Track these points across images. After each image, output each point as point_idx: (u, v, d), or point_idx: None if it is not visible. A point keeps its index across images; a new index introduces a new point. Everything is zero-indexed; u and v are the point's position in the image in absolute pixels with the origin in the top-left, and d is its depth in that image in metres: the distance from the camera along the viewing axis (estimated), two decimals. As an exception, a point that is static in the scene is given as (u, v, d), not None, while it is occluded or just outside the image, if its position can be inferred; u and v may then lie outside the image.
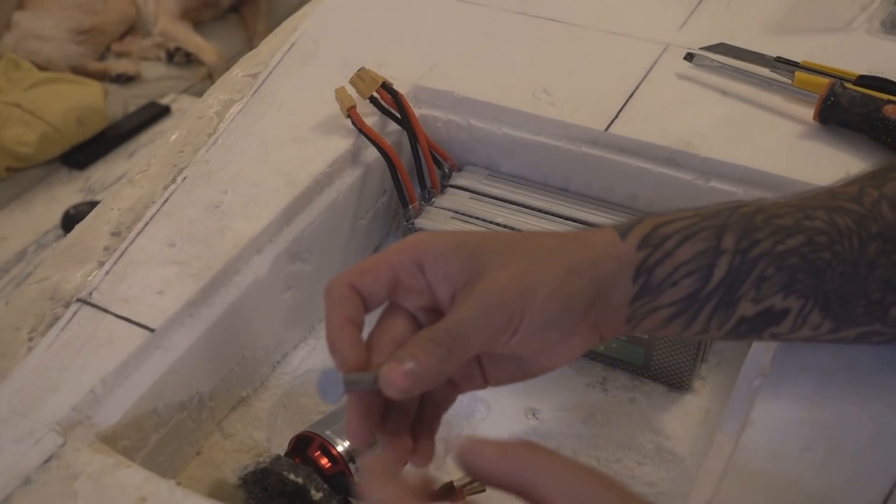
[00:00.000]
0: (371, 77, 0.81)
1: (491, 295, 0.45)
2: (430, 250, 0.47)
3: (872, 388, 0.56)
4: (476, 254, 0.47)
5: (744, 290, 0.49)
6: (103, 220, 0.74)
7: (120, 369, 0.61)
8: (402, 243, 0.48)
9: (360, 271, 0.48)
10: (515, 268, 0.46)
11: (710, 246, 0.48)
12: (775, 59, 0.88)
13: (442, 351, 0.44)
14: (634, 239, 0.49)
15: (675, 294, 0.49)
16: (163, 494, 0.53)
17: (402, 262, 0.48)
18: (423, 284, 0.48)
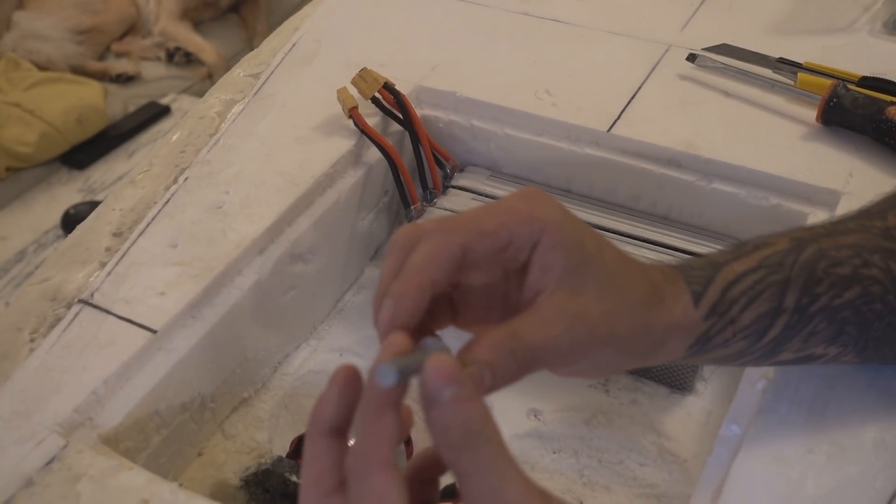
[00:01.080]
0: (373, 77, 0.81)
1: (583, 324, 0.43)
2: (552, 233, 0.42)
3: (875, 391, 0.56)
4: (584, 265, 0.43)
5: (791, 344, 0.50)
6: (105, 221, 0.74)
7: (122, 370, 0.61)
8: (523, 206, 0.43)
9: (479, 233, 0.41)
10: (610, 306, 0.44)
11: (771, 307, 0.48)
12: (778, 60, 0.88)
13: (518, 369, 0.41)
14: (705, 308, 0.47)
15: (723, 352, 0.49)
16: (165, 496, 0.53)
17: (520, 235, 0.42)
18: (519, 262, 0.43)
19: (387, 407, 0.37)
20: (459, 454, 0.36)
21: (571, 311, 0.42)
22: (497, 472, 0.35)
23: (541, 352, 0.42)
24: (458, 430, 0.36)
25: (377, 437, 0.36)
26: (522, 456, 0.67)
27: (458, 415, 0.36)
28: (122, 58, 2.47)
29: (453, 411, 0.36)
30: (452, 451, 0.36)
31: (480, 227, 0.42)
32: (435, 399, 0.36)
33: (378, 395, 0.38)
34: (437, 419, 0.36)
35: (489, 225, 0.42)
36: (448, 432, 0.36)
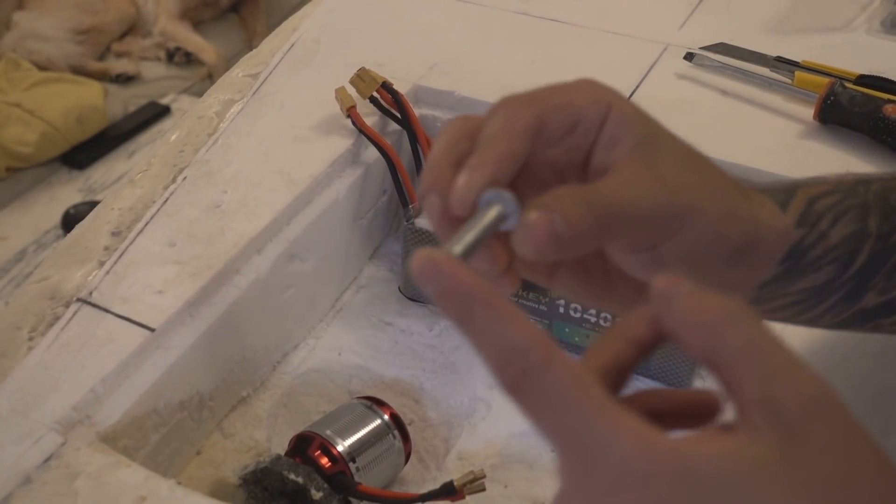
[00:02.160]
0: (371, 77, 0.81)
1: (663, 188, 0.38)
2: (618, 109, 0.39)
3: (871, 388, 0.56)
4: (656, 138, 0.40)
5: (876, 279, 0.46)
6: (103, 220, 0.74)
7: (120, 369, 0.61)
8: (587, 87, 0.39)
9: (553, 106, 0.38)
10: (692, 176, 0.40)
11: (858, 228, 0.45)
12: (775, 59, 0.88)
13: (595, 222, 0.36)
14: (793, 215, 0.44)
15: (813, 281, 0.45)
16: (163, 494, 0.53)
17: (588, 108, 0.39)
18: (586, 145, 0.40)
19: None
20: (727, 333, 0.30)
21: (650, 176, 0.38)
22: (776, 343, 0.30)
23: (620, 209, 0.37)
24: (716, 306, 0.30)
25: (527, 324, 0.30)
26: (522, 455, 0.67)
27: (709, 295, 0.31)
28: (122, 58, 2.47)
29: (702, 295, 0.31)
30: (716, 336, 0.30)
31: (552, 100, 0.38)
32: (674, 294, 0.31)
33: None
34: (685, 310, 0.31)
35: (560, 99, 0.38)
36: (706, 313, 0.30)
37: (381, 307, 0.81)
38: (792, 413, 0.28)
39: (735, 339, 0.30)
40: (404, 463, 0.67)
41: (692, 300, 0.31)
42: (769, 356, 0.29)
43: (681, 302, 0.31)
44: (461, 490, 0.59)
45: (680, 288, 0.31)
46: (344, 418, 0.65)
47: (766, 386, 0.29)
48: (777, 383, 0.29)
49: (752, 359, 0.29)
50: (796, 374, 0.29)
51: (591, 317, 0.71)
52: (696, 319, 0.30)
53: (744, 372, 0.29)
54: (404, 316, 0.80)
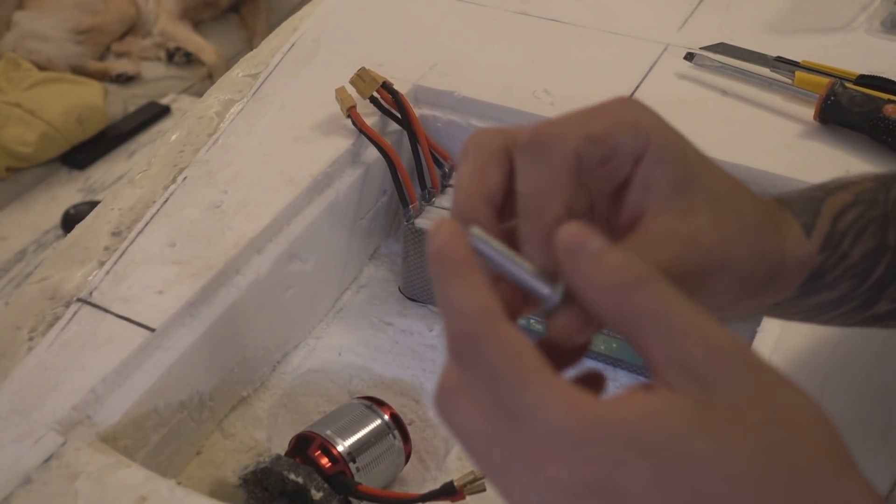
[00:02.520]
0: (371, 77, 0.81)
1: (698, 249, 0.38)
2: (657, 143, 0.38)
3: (871, 388, 0.56)
4: (693, 179, 0.38)
5: (890, 290, 0.46)
6: (104, 220, 0.74)
7: (120, 369, 0.61)
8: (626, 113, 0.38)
9: (590, 138, 0.36)
10: (727, 226, 0.39)
11: (877, 244, 0.45)
12: (775, 59, 0.88)
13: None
14: (818, 241, 0.44)
15: (827, 297, 0.45)
16: (163, 494, 0.53)
17: (625, 144, 0.37)
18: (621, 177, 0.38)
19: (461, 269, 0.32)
20: (634, 296, 0.30)
21: (683, 233, 0.37)
22: (687, 303, 0.30)
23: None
24: (621, 271, 0.31)
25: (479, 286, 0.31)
26: (520, 454, 0.67)
27: (615, 257, 0.31)
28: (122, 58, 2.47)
29: (608, 257, 0.31)
30: (623, 298, 0.30)
31: (589, 132, 0.36)
32: (580, 253, 0.31)
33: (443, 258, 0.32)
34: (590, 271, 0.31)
35: (597, 130, 0.36)
36: (611, 276, 0.31)
37: (381, 307, 0.81)
38: (701, 367, 0.29)
39: (642, 304, 0.30)
40: (404, 463, 0.67)
41: (598, 263, 0.31)
42: (676, 317, 0.30)
43: (587, 264, 0.31)
44: (461, 490, 0.59)
45: (586, 245, 0.31)
46: (344, 418, 0.65)
47: (675, 346, 0.30)
48: (684, 342, 0.30)
49: (660, 322, 0.30)
50: (704, 330, 0.30)
51: (591, 317, 0.71)
52: (602, 284, 0.31)
53: (652, 335, 0.30)
54: (404, 316, 0.80)
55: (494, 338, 0.31)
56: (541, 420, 0.29)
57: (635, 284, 0.30)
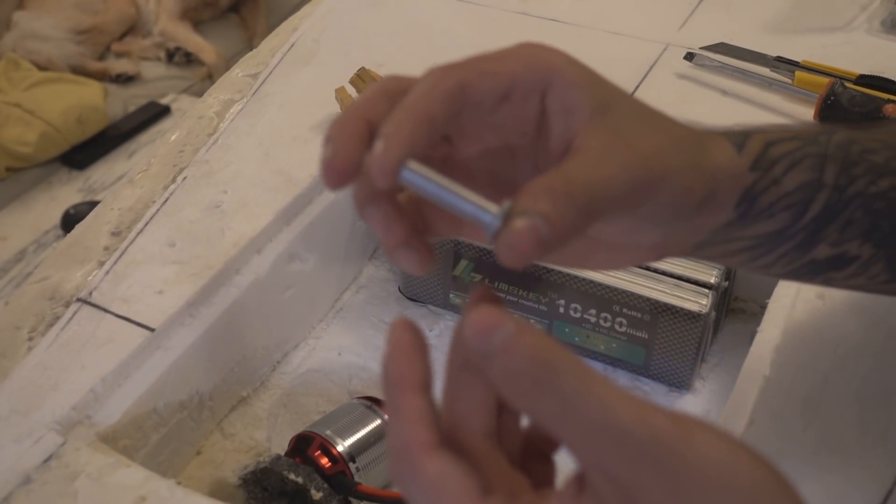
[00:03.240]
0: (371, 77, 0.81)
1: (636, 157, 0.37)
2: (562, 73, 0.38)
3: (871, 387, 0.56)
4: (614, 100, 0.38)
5: (828, 231, 0.45)
6: (103, 220, 0.74)
7: (120, 369, 0.61)
8: (525, 51, 0.38)
9: (479, 72, 0.37)
10: (658, 136, 0.39)
11: (813, 178, 0.45)
12: (775, 59, 0.88)
13: (578, 216, 0.35)
14: (748, 158, 0.43)
15: (766, 227, 0.45)
16: (163, 494, 0.53)
17: (525, 76, 0.37)
18: (531, 112, 0.38)
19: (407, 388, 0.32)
20: (540, 398, 0.30)
21: (619, 145, 0.37)
22: (593, 398, 0.29)
23: (600, 191, 0.36)
24: (526, 370, 0.30)
25: (409, 423, 0.32)
26: (520, 454, 0.67)
27: (518, 354, 0.30)
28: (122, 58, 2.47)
29: (510, 355, 0.30)
30: (532, 400, 0.30)
31: (478, 65, 0.37)
32: (487, 355, 0.31)
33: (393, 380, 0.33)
34: (500, 373, 0.31)
35: (489, 65, 0.37)
36: (517, 381, 0.30)
37: (381, 307, 0.81)
38: (620, 471, 0.29)
39: (548, 406, 0.30)
40: (404, 463, 0.67)
41: (505, 363, 0.30)
42: (585, 413, 0.29)
43: (496, 364, 0.31)
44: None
45: (493, 341, 0.30)
46: (344, 418, 0.65)
47: (591, 449, 0.29)
48: (598, 442, 0.29)
49: (570, 422, 0.30)
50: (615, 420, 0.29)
51: (591, 317, 0.71)
52: (510, 391, 0.31)
53: (567, 437, 0.30)
54: (404, 316, 0.80)
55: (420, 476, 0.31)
56: None
57: (542, 385, 0.30)
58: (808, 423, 0.54)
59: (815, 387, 0.56)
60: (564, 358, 0.30)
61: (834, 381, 0.57)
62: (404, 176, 0.33)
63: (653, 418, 0.29)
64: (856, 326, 0.61)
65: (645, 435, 0.29)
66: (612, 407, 0.29)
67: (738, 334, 0.75)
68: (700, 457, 0.29)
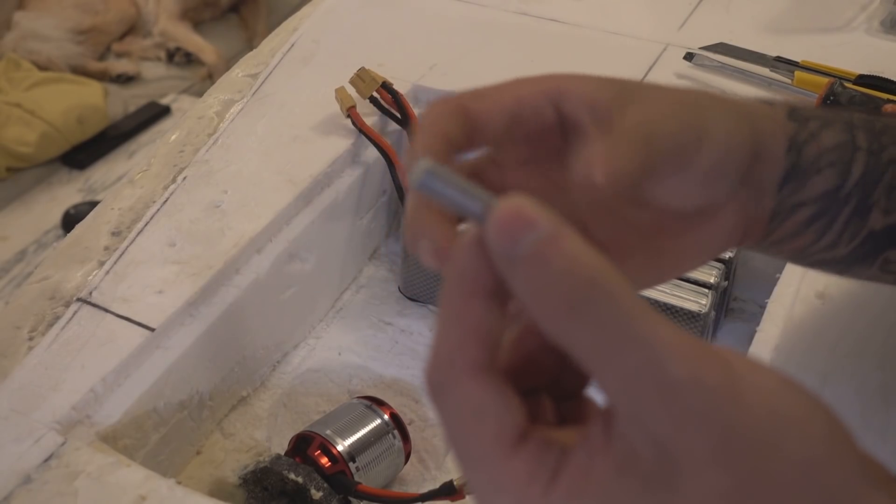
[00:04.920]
0: (371, 77, 0.81)
1: (681, 105, 0.38)
2: (571, 81, 0.38)
3: (871, 387, 0.56)
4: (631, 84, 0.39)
5: (877, 195, 0.45)
6: (103, 220, 0.74)
7: (120, 368, 0.61)
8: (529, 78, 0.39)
9: (475, 94, 0.37)
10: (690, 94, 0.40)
11: (846, 139, 0.45)
12: (775, 59, 0.88)
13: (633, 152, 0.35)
14: (782, 108, 0.44)
15: (820, 185, 0.44)
16: (163, 493, 0.53)
17: (530, 92, 0.38)
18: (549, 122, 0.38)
19: (471, 291, 0.27)
20: (574, 326, 0.25)
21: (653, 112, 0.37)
22: (640, 338, 0.24)
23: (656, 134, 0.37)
24: (559, 290, 0.25)
25: (462, 333, 0.27)
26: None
27: (551, 267, 0.25)
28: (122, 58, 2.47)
29: (544, 264, 0.25)
30: (564, 327, 0.25)
31: (475, 91, 0.38)
32: (513, 259, 0.25)
33: (457, 276, 0.27)
34: (526, 287, 0.25)
35: (484, 89, 0.38)
36: (547, 299, 0.25)
37: (381, 307, 0.81)
38: (662, 428, 0.25)
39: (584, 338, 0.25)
40: (404, 463, 0.67)
41: (535, 274, 0.25)
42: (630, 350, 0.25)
43: (522, 273, 0.25)
44: (461, 490, 0.60)
45: (523, 243, 0.25)
46: (344, 418, 0.65)
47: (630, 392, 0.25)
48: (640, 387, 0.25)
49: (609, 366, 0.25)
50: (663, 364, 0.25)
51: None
52: (537, 310, 0.26)
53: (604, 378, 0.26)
54: (404, 316, 0.80)
55: (456, 397, 0.27)
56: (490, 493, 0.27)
57: (578, 312, 0.25)
58: (807, 422, 0.54)
59: (815, 387, 0.56)
60: (610, 279, 0.25)
61: (834, 381, 0.57)
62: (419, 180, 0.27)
63: (707, 371, 0.25)
64: (855, 326, 0.61)
65: (696, 390, 0.24)
66: (660, 352, 0.24)
67: (737, 334, 0.75)
68: (754, 415, 0.25)
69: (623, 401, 0.25)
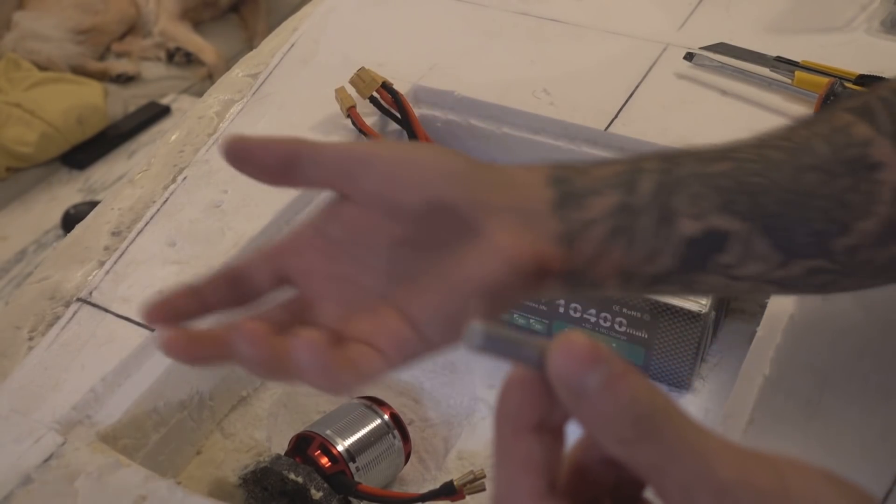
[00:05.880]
0: (371, 77, 0.81)
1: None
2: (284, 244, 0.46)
3: (871, 387, 0.56)
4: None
5: (678, 202, 0.45)
6: (104, 220, 0.74)
7: (120, 368, 0.61)
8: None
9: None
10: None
11: (628, 168, 0.45)
12: (775, 59, 0.88)
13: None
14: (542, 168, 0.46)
15: (604, 202, 0.44)
16: (163, 493, 0.53)
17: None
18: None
19: (520, 429, 0.31)
20: (638, 448, 0.28)
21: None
22: (695, 451, 0.28)
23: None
24: (627, 418, 0.28)
25: (517, 467, 0.31)
26: (520, 454, 0.67)
27: (620, 399, 0.28)
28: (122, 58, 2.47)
29: (612, 398, 0.28)
30: (628, 448, 0.29)
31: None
32: (581, 391, 0.28)
33: (505, 418, 0.31)
34: (594, 415, 0.29)
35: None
36: (614, 427, 0.28)
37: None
38: None
39: (647, 456, 0.28)
40: (404, 463, 0.67)
41: (606, 405, 0.28)
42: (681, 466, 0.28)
43: (592, 404, 0.29)
44: (461, 490, 0.60)
45: (592, 379, 0.28)
46: (344, 418, 0.65)
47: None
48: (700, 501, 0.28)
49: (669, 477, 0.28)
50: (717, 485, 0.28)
51: (590, 316, 0.71)
52: (606, 435, 0.29)
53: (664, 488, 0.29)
54: (404, 316, 0.80)
55: None
56: None
57: (642, 436, 0.28)
58: (807, 423, 0.54)
59: (815, 387, 0.56)
60: (667, 405, 0.28)
61: (834, 381, 0.57)
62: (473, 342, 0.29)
63: (754, 473, 0.28)
64: (856, 325, 0.61)
65: (746, 491, 0.28)
66: (713, 460, 0.28)
67: (737, 334, 0.75)
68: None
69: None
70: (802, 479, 0.29)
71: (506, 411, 0.31)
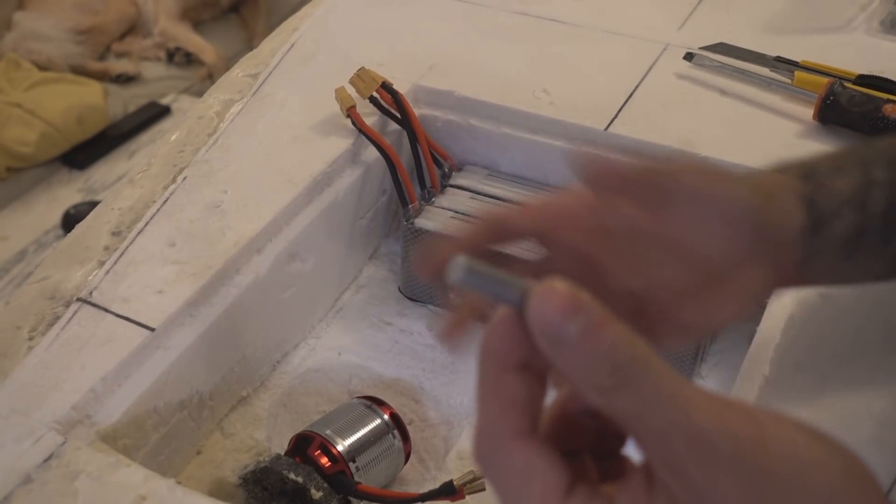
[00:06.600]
0: (371, 77, 0.81)
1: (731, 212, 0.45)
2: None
3: (870, 387, 0.56)
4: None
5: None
6: (104, 220, 0.74)
7: (120, 368, 0.61)
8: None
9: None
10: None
11: (860, 179, 0.48)
12: (775, 59, 0.88)
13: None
14: (797, 170, 0.48)
15: (840, 226, 0.47)
16: (163, 493, 0.53)
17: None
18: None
19: (504, 367, 0.30)
20: (615, 396, 0.28)
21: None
22: (672, 399, 0.28)
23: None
24: (604, 367, 0.28)
25: (500, 405, 0.30)
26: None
27: (597, 348, 0.28)
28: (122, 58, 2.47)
29: (589, 347, 0.28)
30: (606, 397, 0.28)
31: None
32: (560, 340, 0.28)
33: (489, 354, 0.30)
34: (572, 363, 0.29)
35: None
36: (591, 376, 0.28)
37: (381, 307, 0.81)
38: (694, 472, 0.28)
39: (625, 404, 0.28)
40: (404, 463, 0.67)
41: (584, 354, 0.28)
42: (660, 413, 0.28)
43: (571, 353, 0.28)
44: (461, 490, 0.60)
45: (571, 327, 0.28)
46: (344, 418, 0.65)
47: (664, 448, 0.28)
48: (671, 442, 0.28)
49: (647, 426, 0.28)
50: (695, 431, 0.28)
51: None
52: (584, 383, 0.29)
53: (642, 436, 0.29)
54: (404, 316, 0.80)
55: (504, 464, 0.30)
56: None
57: (620, 385, 0.28)
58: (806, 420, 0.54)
59: (815, 386, 0.56)
60: (646, 355, 0.28)
61: (834, 381, 0.57)
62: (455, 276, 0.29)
63: (731, 420, 0.28)
64: (856, 325, 0.61)
65: (723, 438, 0.28)
66: (689, 408, 0.28)
67: (737, 334, 0.75)
68: (778, 458, 0.28)
69: (659, 453, 0.29)
70: (780, 428, 0.29)
71: (491, 348, 0.30)
